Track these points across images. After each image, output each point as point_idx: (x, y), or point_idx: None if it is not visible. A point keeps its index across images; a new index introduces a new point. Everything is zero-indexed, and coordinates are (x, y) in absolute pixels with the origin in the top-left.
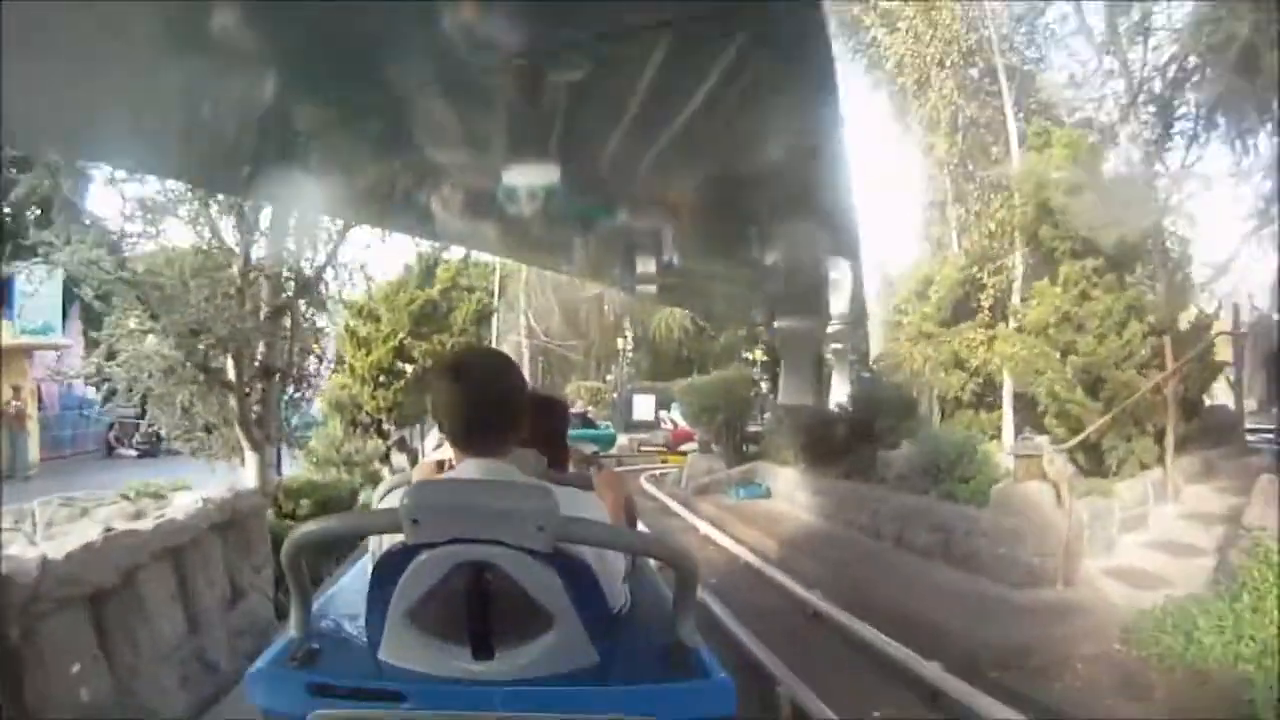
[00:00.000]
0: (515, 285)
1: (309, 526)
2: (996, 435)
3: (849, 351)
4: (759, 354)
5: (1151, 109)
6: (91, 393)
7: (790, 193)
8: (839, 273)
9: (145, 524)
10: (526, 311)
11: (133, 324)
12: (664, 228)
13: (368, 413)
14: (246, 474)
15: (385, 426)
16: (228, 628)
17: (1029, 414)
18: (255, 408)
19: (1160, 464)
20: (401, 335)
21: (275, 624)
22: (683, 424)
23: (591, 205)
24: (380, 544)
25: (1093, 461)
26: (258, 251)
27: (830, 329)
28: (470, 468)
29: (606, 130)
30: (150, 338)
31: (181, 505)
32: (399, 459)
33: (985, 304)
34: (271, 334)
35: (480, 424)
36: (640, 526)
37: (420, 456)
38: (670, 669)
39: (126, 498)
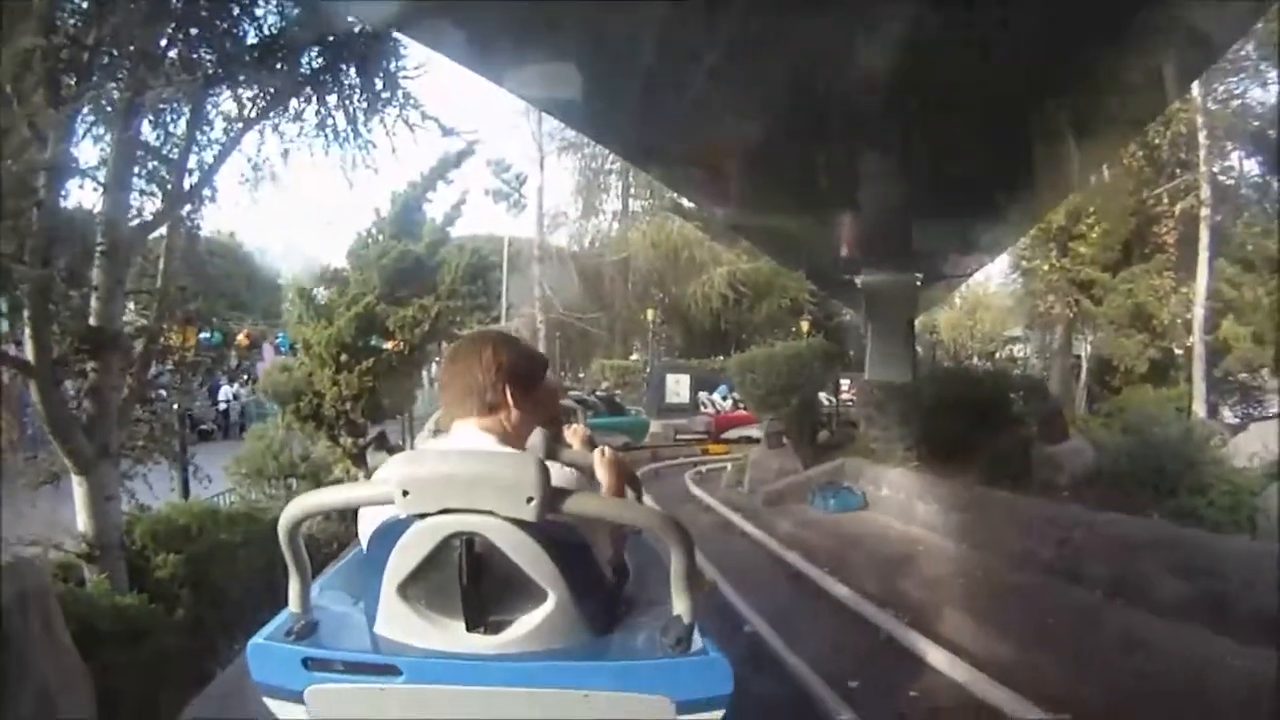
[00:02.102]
0: (528, 254)
1: (301, 499)
2: None
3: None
4: (805, 325)
5: None
6: None
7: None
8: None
9: None
10: (540, 282)
11: None
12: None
13: (330, 403)
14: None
15: (356, 420)
16: None
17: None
18: (85, 403)
19: None
20: (369, 299)
21: None
22: (726, 407)
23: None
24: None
25: None
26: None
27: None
28: (462, 433)
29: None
30: None
31: None
32: (378, 459)
33: (1168, 239)
34: (112, 281)
35: (476, 389)
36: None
37: None
38: (666, 645)
39: None
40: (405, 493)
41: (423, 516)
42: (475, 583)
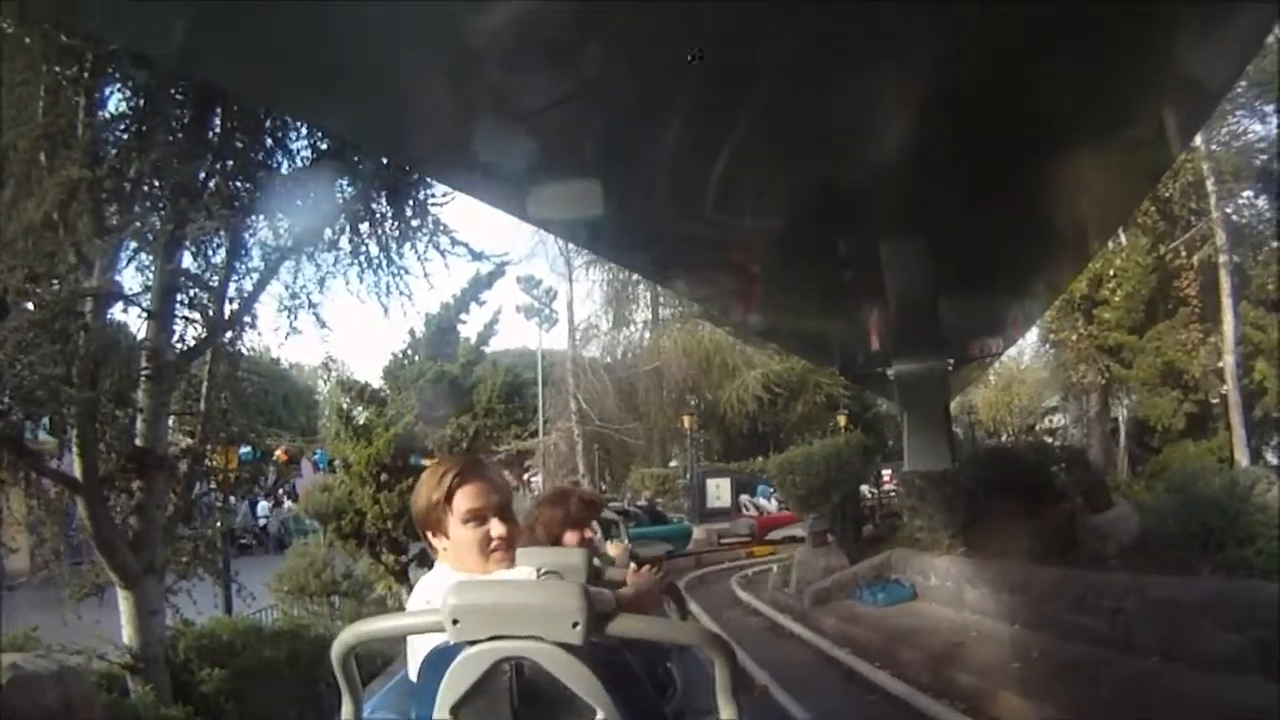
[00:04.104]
0: (562, 368)
1: (355, 626)
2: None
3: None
4: (842, 419)
5: None
6: None
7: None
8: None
9: None
10: (575, 394)
11: None
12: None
13: (371, 521)
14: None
15: (398, 538)
16: None
17: None
18: (131, 520)
19: None
20: (408, 419)
21: None
22: (769, 509)
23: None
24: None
25: None
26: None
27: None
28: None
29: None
30: None
31: None
32: (420, 577)
33: (1190, 291)
34: (157, 404)
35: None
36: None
37: None
38: None
39: None
40: (456, 621)
41: (473, 643)
42: (525, 704)
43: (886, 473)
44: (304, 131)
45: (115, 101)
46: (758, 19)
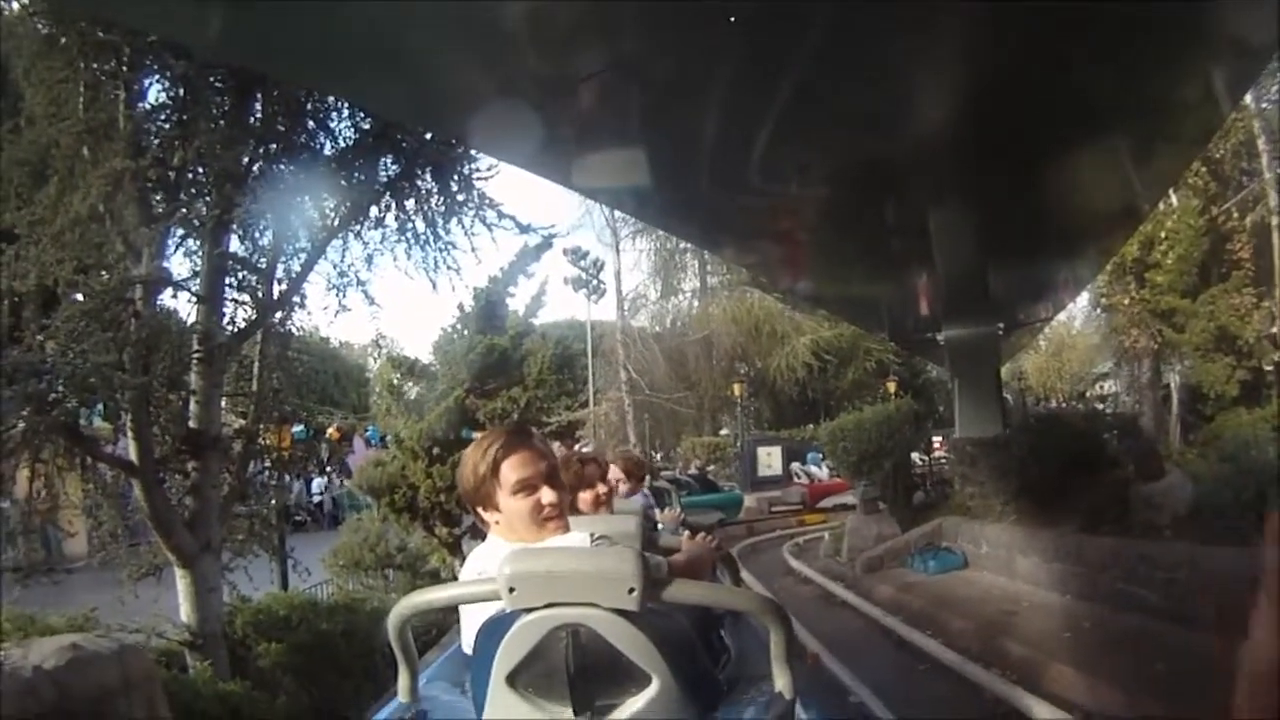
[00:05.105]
0: (611, 339)
1: (411, 597)
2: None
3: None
4: (892, 386)
5: None
6: None
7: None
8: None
9: None
10: (625, 364)
11: None
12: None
13: (424, 495)
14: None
15: (451, 510)
16: None
17: None
18: (187, 500)
19: None
20: (459, 393)
21: None
22: (821, 476)
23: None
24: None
25: None
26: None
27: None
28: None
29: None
30: None
31: None
32: (473, 548)
33: (1243, 254)
34: (209, 386)
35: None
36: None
37: None
38: None
39: None
40: (512, 589)
41: (529, 610)
42: (581, 670)
43: (937, 439)
44: (345, 112)
45: (155, 93)
46: None
